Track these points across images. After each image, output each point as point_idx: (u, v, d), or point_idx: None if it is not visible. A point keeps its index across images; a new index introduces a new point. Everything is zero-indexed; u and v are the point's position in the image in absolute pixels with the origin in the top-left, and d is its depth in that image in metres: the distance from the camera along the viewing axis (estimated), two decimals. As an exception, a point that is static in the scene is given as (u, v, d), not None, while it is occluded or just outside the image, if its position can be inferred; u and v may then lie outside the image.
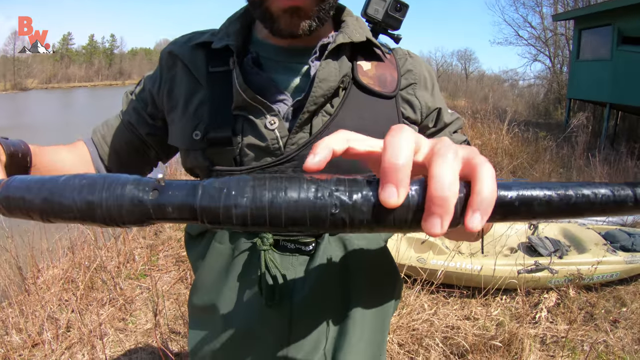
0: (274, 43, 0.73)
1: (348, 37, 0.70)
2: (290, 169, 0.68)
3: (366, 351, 0.81)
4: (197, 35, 0.77)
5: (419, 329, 2.61)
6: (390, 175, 0.32)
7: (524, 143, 8.10)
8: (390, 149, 0.33)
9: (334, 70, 0.68)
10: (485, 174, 0.32)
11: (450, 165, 0.32)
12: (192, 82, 0.73)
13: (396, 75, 0.76)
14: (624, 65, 10.08)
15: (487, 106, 11.96)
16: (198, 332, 0.83)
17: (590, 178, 6.34)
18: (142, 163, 0.86)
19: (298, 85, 0.72)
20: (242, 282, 0.74)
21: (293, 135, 0.68)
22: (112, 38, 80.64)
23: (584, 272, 3.15)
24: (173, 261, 3.52)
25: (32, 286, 2.86)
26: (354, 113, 0.70)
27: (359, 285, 0.77)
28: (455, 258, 3.17)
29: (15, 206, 0.40)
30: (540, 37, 23.44)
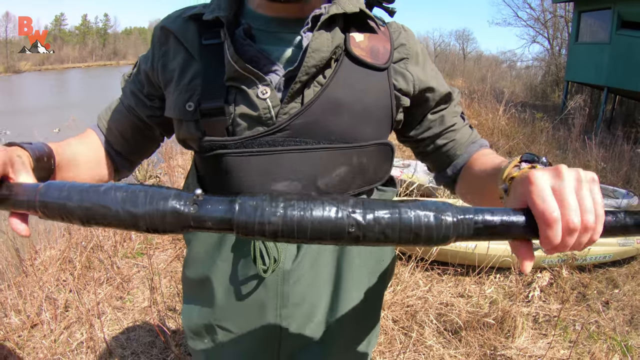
0: (266, 13, 0.73)
1: (341, 8, 0.69)
2: (281, 137, 0.69)
3: (360, 320, 0.84)
4: (189, 9, 0.77)
5: (413, 306, 2.65)
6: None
7: (520, 124, 8.11)
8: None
9: (326, 41, 0.68)
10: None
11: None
12: (186, 55, 0.73)
13: (389, 47, 0.75)
14: (623, 50, 10.05)
15: (484, 87, 11.93)
16: (192, 306, 0.84)
17: (586, 161, 6.36)
18: (149, 143, 0.89)
19: (290, 56, 0.72)
20: (236, 253, 0.75)
21: (285, 105, 0.69)
22: (106, 18, 79.50)
23: (577, 253, 3.19)
24: (169, 239, 3.53)
25: (30, 267, 2.87)
26: (345, 84, 0.70)
27: (352, 253, 0.78)
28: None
29: (55, 212, 0.46)
30: (539, 19, 23.26)
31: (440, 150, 0.84)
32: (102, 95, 20.52)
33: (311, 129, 0.69)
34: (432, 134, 0.83)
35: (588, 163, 6.26)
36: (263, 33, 0.72)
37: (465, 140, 0.83)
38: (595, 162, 6.14)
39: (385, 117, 0.75)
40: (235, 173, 0.70)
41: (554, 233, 0.46)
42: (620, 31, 10.26)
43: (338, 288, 0.79)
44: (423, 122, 0.83)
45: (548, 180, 0.48)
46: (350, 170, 0.73)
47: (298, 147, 0.69)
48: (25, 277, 2.76)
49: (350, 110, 0.70)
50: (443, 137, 0.83)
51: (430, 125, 0.83)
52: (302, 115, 0.68)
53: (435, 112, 0.83)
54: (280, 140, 0.69)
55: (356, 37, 0.73)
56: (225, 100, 0.69)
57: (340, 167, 0.72)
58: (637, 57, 9.51)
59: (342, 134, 0.70)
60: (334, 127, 0.70)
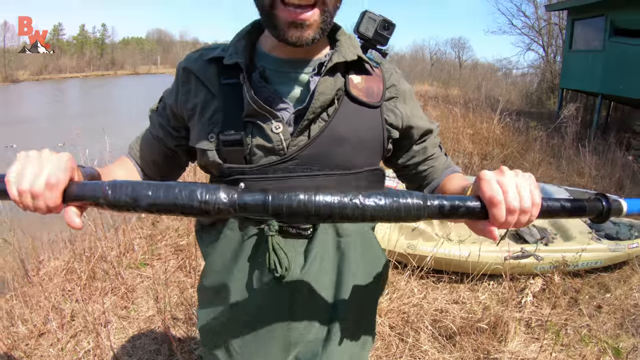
0: (278, 55, 0.85)
1: (342, 56, 0.83)
2: (291, 165, 0.82)
3: (359, 322, 0.96)
4: (207, 51, 0.89)
5: (409, 312, 2.73)
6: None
7: (515, 132, 8.22)
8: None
9: (330, 85, 0.81)
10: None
11: None
12: (207, 93, 0.86)
13: (382, 87, 0.89)
14: (616, 57, 10.21)
15: (479, 95, 12.06)
16: (208, 311, 0.96)
17: (579, 168, 6.47)
18: (176, 168, 1.02)
19: (299, 96, 0.85)
20: (252, 262, 0.88)
21: (294, 138, 0.82)
22: (104, 28, 79.50)
23: (569, 259, 3.28)
24: (172, 250, 3.61)
25: (35, 278, 2.95)
26: (345, 120, 0.83)
27: (351, 262, 0.91)
28: (444, 245, 3.29)
29: (123, 205, 0.60)
30: (533, 27, 23.40)
31: (421, 175, 0.98)
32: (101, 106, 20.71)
33: (316, 158, 0.82)
34: (415, 161, 0.98)
35: (582, 170, 6.37)
36: (275, 73, 0.85)
37: (442, 166, 0.98)
38: (588, 168, 6.25)
39: (378, 147, 0.89)
40: None
41: (499, 212, 0.63)
42: (614, 38, 10.44)
43: (339, 292, 0.91)
44: (409, 152, 0.97)
45: (494, 176, 0.65)
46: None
47: (305, 174, 0.82)
48: (31, 287, 2.83)
49: (349, 142, 0.84)
50: (424, 164, 0.98)
51: (414, 154, 0.97)
52: (309, 147, 0.82)
53: (419, 143, 0.96)
54: (290, 168, 0.82)
55: (354, 79, 0.86)
56: (243, 134, 0.81)
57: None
58: (631, 63, 9.67)
59: (341, 162, 0.84)
60: (335, 157, 0.83)
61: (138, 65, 74.01)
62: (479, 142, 7.57)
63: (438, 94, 16.67)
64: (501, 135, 7.84)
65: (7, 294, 2.79)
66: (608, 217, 0.75)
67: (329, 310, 0.91)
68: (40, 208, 0.62)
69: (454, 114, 9.05)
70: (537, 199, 0.65)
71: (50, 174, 0.61)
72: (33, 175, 0.61)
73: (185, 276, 3.18)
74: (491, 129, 7.89)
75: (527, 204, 0.64)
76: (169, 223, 4.11)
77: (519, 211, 0.64)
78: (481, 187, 0.65)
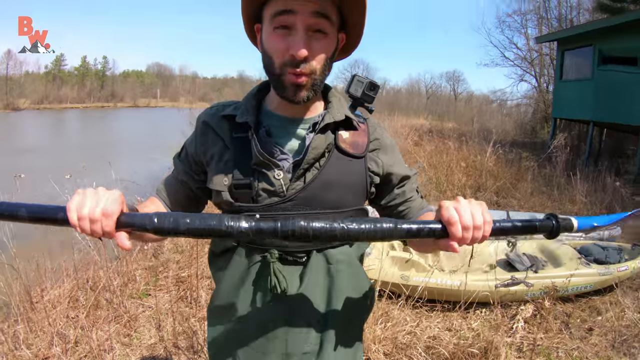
0: (280, 114, 1.04)
1: (332, 117, 1.02)
2: (290, 205, 1.00)
3: (347, 338, 1.10)
4: (222, 107, 1.08)
5: (403, 340, 2.82)
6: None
7: (507, 164, 8.42)
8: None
9: (321, 141, 1.00)
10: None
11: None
12: (222, 144, 1.04)
13: (366, 140, 1.07)
14: (605, 84, 10.56)
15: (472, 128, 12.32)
16: (217, 327, 1.11)
17: (571, 195, 6.62)
18: (198, 205, 1.17)
19: (297, 148, 1.03)
20: (256, 285, 1.03)
21: (293, 183, 0.99)
22: (105, 60, 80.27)
23: (559, 285, 3.38)
24: (173, 281, 3.71)
25: (39, 304, 3.03)
26: (334, 168, 1.01)
27: (338, 285, 1.06)
28: (436, 275, 3.41)
29: (166, 230, 0.78)
30: (525, 58, 23.88)
31: (400, 214, 1.14)
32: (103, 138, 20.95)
33: (310, 200, 1.00)
34: (395, 203, 1.14)
35: (573, 197, 6.52)
36: (278, 129, 1.04)
37: (418, 207, 1.14)
38: (579, 196, 6.41)
39: (362, 190, 1.07)
40: None
41: (456, 230, 0.80)
42: (602, 67, 10.82)
43: (329, 310, 1.06)
44: (390, 195, 1.13)
45: (451, 203, 0.82)
46: None
47: (301, 212, 0.99)
48: (35, 313, 2.91)
49: (337, 187, 1.01)
50: (402, 206, 1.14)
51: (394, 197, 1.13)
52: (304, 190, 0.99)
53: (398, 187, 1.13)
54: (289, 207, 0.99)
55: (343, 135, 1.05)
56: (251, 179, 1.00)
57: None
58: (619, 90, 10.01)
59: (331, 203, 1.02)
60: (326, 199, 1.01)
61: (138, 98, 74.62)
62: (472, 175, 7.77)
63: (433, 128, 16.99)
64: (494, 167, 8.02)
65: (12, 319, 2.88)
66: (558, 234, 0.90)
67: (321, 325, 1.05)
68: (97, 232, 0.79)
69: (448, 148, 9.25)
70: (488, 218, 0.81)
71: (106, 205, 0.78)
72: (92, 205, 0.78)
73: (186, 306, 3.27)
74: (484, 161, 8.07)
75: (479, 221, 0.80)
76: (169, 256, 4.22)
77: (472, 228, 0.80)
78: (441, 212, 0.82)
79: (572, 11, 20.86)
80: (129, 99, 73.90)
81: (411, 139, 12.09)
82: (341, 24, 1.00)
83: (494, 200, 6.76)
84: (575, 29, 13.07)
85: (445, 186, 7.05)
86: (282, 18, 0.90)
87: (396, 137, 11.79)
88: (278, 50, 0.92)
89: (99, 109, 60.70)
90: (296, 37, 0.90)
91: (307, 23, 0.90)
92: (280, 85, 0.95)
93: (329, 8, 0.93)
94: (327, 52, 0.95)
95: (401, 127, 13.87)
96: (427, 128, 16.90)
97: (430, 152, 9.43)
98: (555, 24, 21.17)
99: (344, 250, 1.07)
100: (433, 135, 12.94)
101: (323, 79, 0.98)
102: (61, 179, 3.84)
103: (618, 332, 3.12)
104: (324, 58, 0.95)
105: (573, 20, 20.16)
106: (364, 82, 1.11)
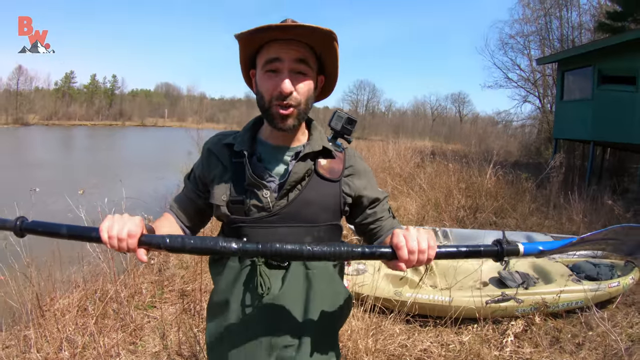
0: (271, 142, 1.26)
1: (312, 148, 1.22)
2: (275, 219, 1.21)
3: (323, 335, 1.27)
4: (223, 137, 1.30)
5: (395, 352, 2.94)
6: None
7: (506, 185, 8.56)
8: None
9: (301, 168, 1.20)
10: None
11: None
12: (222, 167, 1.26)
13: (342, 167, 1.28)
14: (605, 104, 10.73)
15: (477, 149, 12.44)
16: (215, 321, 1.28)
17: (568, 214, 6.74)
18: (205, 218, 1.40)
19: (282, 172, 1.24)
20: (246, 285, 1.22)
21: (278, 201, 1.20)
22: (114, 79, 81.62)
23: (549, 301, 3.51)
24: (177, 295, 3.87)
25: (48, 313, 3.19)
26: (313, 190, 1.22)
27: (316, 288, 1.24)
28: (428, 291, 3.56)
29: (175, 249, 1.01)
30: (529, 79, 23.96)
31: (372, 232, 1.33)
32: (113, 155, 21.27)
33: (292, 215, 1.20)
34: (367, 221, 1.33)
35: (570, 216, 6.64)
36: (268, 155, 1.25)
37: (389, 226, 1.32)
38: (576, 216, 6.53)
39: (337, 209, 1.27)
40: (249, 237, 1.17)
41: (402, 253, 0.96)
42: (601, 86, 11.01)
43: (307, 309, 1.23)
44: (363, 214, 1.33)
45: (401, 231, 0.99)
46: (313, 239, 1.23)
47: (284, 225, 1.20)
48: (45, 320, 3.06)
49: (315, 205, 1.21)
50: (374, 224, 1.33)
51: (367, 216, 1.33)
52: (287, 207, 1.19)
53: (370, 208, 1.32)
54: (274, 221, 1.19)
55: (321, 162, 1.25)
56: (244, 196, 1.21)
57: (307, 237, 1.22)
58: (619, 109, 10.17)
59: (310, 219, 1.22)
60: (305, 215, 1.21)
61: (146, 117, 75.36)
62: (471, 196, 7.92)
63: (436, 150, 17.12)
64: (493, 188, 8.16)
65: (23, 324, 3.03)
66: (503, 258, 1.03)
67: (300, 322, 1.23)
68: (123, 248, 1.01)
69: (448, 169, 9.41)
70: (432, 244, 0.98)
71: (130, 228, 1.01)
72: (119, 227, 1.01)
73: (189, 318, 3.42)
74: (484, 183, 8.20)
75: (423, 246, 0.96)
76: (175, 271, 4.40)
77: (417, 252, 0.96)
78: (392, 238, 0.99)
79: (573, 31, 21.11)
80: (136, 118, 74.69)
81: (413, 162, 12.25)
82: (320, 68, 1.23)
83: (492, 221, 6.89)
84: (575, 49, 13.31)
85: (443, 207, 7.20)
86: (272, 65, 1.13)
87: (399, 160, 12.00)
88: (269, 89, 1.14)
89: (107, 127, 61.27)
90: (282, 77, 1.12)
91: (291, 67, 1.13)
92: (270, 117, 1.16)
93: (309, 55, 1.16)
94: (309, 89, 1.17)
95: (405, 150, 13.99)
96: (430, 150, 17.10)
97: (430, 174, 9.60)
98: (557, 45, 21.41)
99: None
100: (435, 157, 13.09)
101: (306, 111, 1.20)
102: (74, 193, 4.03)
103: (608, 347, 3.19)
104: (306, 93, 1.17)
105: (575, 41, 20.36)
106: (343, 117, 1.32)
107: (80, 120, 66.24)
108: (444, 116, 54.17)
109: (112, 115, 74.41)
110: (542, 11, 22.20)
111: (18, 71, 62.16)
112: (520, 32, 23.95)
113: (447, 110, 58.35)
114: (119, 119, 73.13)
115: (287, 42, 1.13)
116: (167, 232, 1.23)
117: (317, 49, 1.17)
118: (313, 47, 1.17)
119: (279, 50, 1.13)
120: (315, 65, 1.19)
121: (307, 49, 1.15)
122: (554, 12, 21.69)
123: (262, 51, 1.16)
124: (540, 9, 22.28)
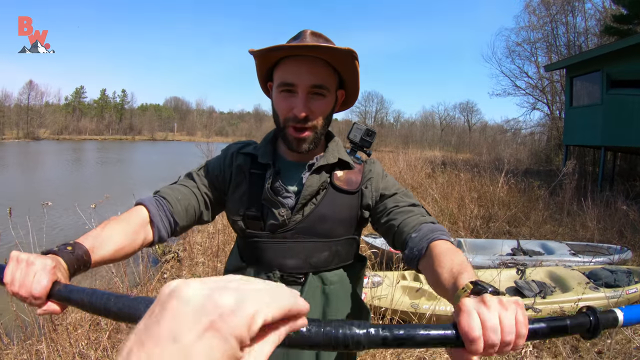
0: (287, 158, 1.23)
1: (326, 160, 1.19)
2: (290, 234, 1.16)
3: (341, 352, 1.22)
4: (243, 146, 1.27)
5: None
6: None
7: (519, 193, 8.47)
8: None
9: (315, 181, 1.17)
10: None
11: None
12: (240, 177, 1.22)
13: (360, 177, 1.22)
14: (614, 108, 10.62)
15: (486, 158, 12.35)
16: None
17: (583, 221, 6.64)
18: (197, 220, 1.24)
19: (298, 188, 1.20)
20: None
21: (293, 215, 1.16)
22: (124, 93, 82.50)
23: (567, 309, 3.43)
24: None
25: (60, 327, 3.18)
26: (329, 203, 1.18)
27: (333, 303, 1.21)
28: (445, 302, 3.50)
29: (75, 304, 0.75)
30: (537, 86, 23.82)
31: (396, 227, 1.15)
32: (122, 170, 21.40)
33: (307, 230, 1.16)
34: (389, 217, 1.18)
35: (584, 223, 6.54)
36: (285, 171, 1.21)
37: (415, 221, 1.14)
38: (590, 222, 6.42)
39: (354, 222, 1.22)
40: (264, 252, 1.18)
41: (476, 347, 0.63)
42: (610, 91, 10.89)
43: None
44: (385, 212, 1.19)
45: (474, 305, 0.66)
46: (330, 254, 1.19)
47: (300, 240, 1.16)
48: (57, 335, 3.05)
49: (330, 219, 1.17)
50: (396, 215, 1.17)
51: (388, 212, 1.18)
52: (303, 222, 1.16)
53: (393, 203, 1.20)
54: (289, 236, 1.16)
55: (338, 174, 1.21)
56: (261, 212, 1.18)
57: (324, 252, 1.18)
58: (628, 113, 10.05)
59: (325, 233, 1.18)
60: (320, 229, 1.17)
61: (155, 131, 76.26)
62: (484, 205, 7.84)
63: (446, 159, 16.99)
64: (505, 196, 8.07)
65: (35, 338, 3.02)
66: (598, 333, 0.74)
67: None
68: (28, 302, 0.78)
69: (460, 179, 9.35)
70: (522, 330, 0.64)
71: (35, 283, 0.77)
72: (21, 280, 0.79)
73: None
74: (496, 191, 8.12)
75: (508, 337, 0.63)
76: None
77: (499, 345, 0.63)
78: (460, 319, 0.65)
79: (579, 37, 21.04)
80: (146, 132, 75.59)
81: (424, 172, 12.15)
82: (340, 82, 1.17)
83: (505, 230, 6.78)
84: (583, 54, 13.16)
85: (457, 217, 7.14)
86: (286, 87, 1.09)
87: (410, 171, 11.95)
88: (284, 109, 1.11)
89: (117, 141, 61.73)
90: (297, 100, 1.09)
91: (307, 91, 1.09)
92: (285, 138, 1.14)
93: (326, 76, 1.10)
94: (325, 110, 1.13)
95: (415, 160, 13.92)
96: (440, 160, 16.99)
97: (442, 184, 9.52)
98: (565, 51, 21.33)
99: (338, 273, 1.22)
100: (446, 167, 12.99)
101: (323, 132, 1.16)
102: (88, 208, 4.02)
103: (627, 354, 3.14)
104: (322, 116, 1.13)
105: (582, 46, 20.29)
106: (362, 129, 1.30)
107: (91, 135, 67.00)
108: (452, 126, 53.99)
109: (122, 130, 75.22)
110: (548, 17, 22.21)
111: (29, 86, 63.16)
112: (526, 39, 23.97)
113: (456, 120, 58.34)
114: (129, 133, 73.93)
115: (305, 59, 1.08)
116: (118, 243, 1.00)
117: (336, 66, 1.12)
118: (332, 63, 1.11)
119: (294, 75, 1.07)
120: (334, 83, 1.14)
121: (325, 67, 1.10)
122: (560, 18, 21.69)
123: (279, 67, 1.11)
124: (546, 15, 22.31)
